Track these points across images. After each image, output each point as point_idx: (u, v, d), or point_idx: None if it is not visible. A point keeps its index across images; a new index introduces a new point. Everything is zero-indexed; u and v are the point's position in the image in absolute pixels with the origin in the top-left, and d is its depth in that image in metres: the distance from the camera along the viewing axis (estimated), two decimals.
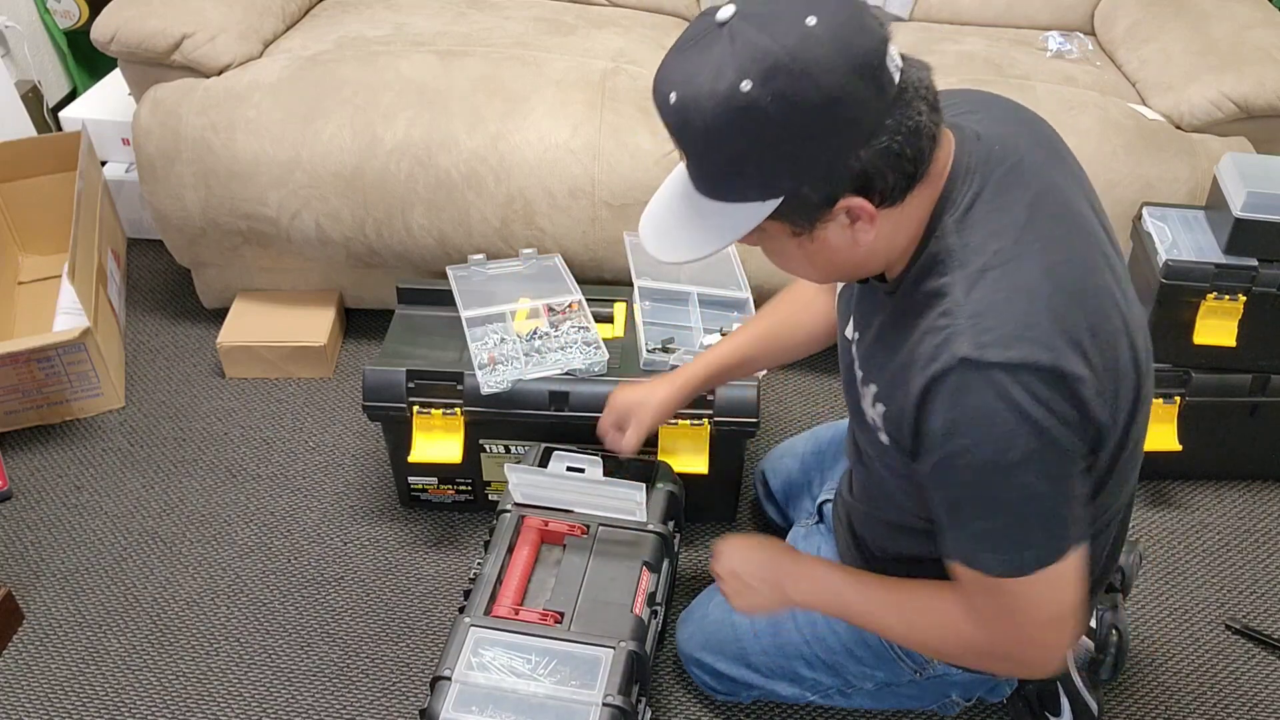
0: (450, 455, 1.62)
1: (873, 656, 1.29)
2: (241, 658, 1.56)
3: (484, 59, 1.98)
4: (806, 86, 0.79)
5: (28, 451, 1.90)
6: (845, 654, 1.30)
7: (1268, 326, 1.69)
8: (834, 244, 0.91)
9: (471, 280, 1.79)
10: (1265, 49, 1.98)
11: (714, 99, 0.80)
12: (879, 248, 0.93)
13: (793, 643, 1.34)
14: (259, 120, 1.89)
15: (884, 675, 1.31)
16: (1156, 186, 1.86)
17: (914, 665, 1.28)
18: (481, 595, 1.33)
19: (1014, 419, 0.86)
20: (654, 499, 1.48)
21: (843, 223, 0.89)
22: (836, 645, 1.30)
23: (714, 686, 1.46)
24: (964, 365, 0.86)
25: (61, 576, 1.67)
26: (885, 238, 0.92)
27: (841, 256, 0.93)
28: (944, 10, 2.38)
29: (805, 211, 0.87)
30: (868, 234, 0.89)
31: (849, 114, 0.81)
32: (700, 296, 1.77)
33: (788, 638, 1.34)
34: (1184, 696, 1.54)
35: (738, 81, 0.79)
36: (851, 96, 0.80)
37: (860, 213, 0.87)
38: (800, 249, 0.93)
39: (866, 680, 1.33)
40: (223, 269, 2.11)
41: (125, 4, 1.95)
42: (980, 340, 0.86)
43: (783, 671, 1.36)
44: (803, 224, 0.89)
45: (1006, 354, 0.85)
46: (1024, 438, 0.87)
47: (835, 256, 0.93)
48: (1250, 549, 1.77)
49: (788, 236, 0.91)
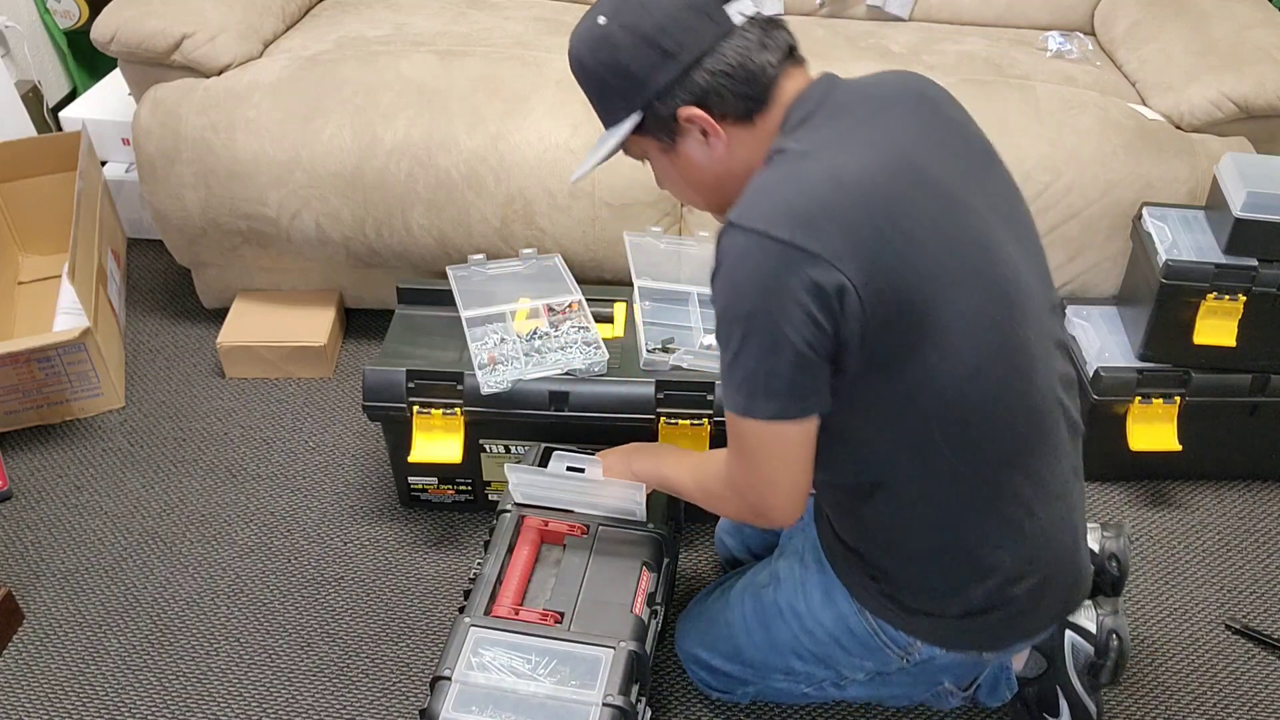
0: (450, 455, 1.62)
1: (859, 645, 1.29)
2: (241, 658, 1.56)
3: (484, 59, 1.98)
4: (644, 16, 1.03)
5: (28, 451, 1.91)
6: (833, 644, 1.31)
7: (1268, 326, 1.69)
8: (696, 159, 1.10)
9: (471, 280, 1.79)
10: (1265, 49, 1.98)
11: (582, 37, 1.09)
12: (736, 167, 1.09)
13: (783, 636, 1.34)
14: (259, 120, 1.89)
15: (873, 664, 1.31)
16: (1156, 186, 1.86)
17: (899, 651, 1.27)
18: (481, 595, 1.33)
19: (746, 277, 0.99)
20: (654, 499, 1.47)
21: (697, 138, 1.08)
22: (824, 636, 1.31)
23: (711, 684, 1.46)
24: (727, 227, 1.02)
25: (61, 576, 1.67)
26: (741, 159, 1.08)
27: (705, 172, 1.11)
28: (944, 10, 2.38)
29: (662, 124, 1.08)
30: (719, 146, 1.08)
31: (683, 39, 1.03)
32: (700, 296, 1.77)
33: (778, 632, 1.35)
34: (1184, 696, 1.54)
35: (596, 18, 1.07)
36: (682, 25, 1.03)
37: (703, 123, 1.06)
38: (673, 166, 1.13)
39: (857, 670, 1.33)
40: (223, 269, 2.11)
41: (125, 4, 1.96)
42: (742, 207, 1.01)
43: (776, 665, 1.37)
44: (665, 138, 1.09)
45: (754, 222, 0.99)
46: (750, 298, 0.99)
47: (701, 172, 1.11)
48: (1250, 549, 1.77)
49: (660, 153, 1.12)
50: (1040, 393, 1.12)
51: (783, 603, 1.35)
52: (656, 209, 1.89)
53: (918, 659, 1.28)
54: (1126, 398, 1.75)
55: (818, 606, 1.31)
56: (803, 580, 1.34)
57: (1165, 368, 1.75)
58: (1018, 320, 1.08)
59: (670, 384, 1.59)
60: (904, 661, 1.29)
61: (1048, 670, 1.40)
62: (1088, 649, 1.37)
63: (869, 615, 1.26)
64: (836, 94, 1.07)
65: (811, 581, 1.33)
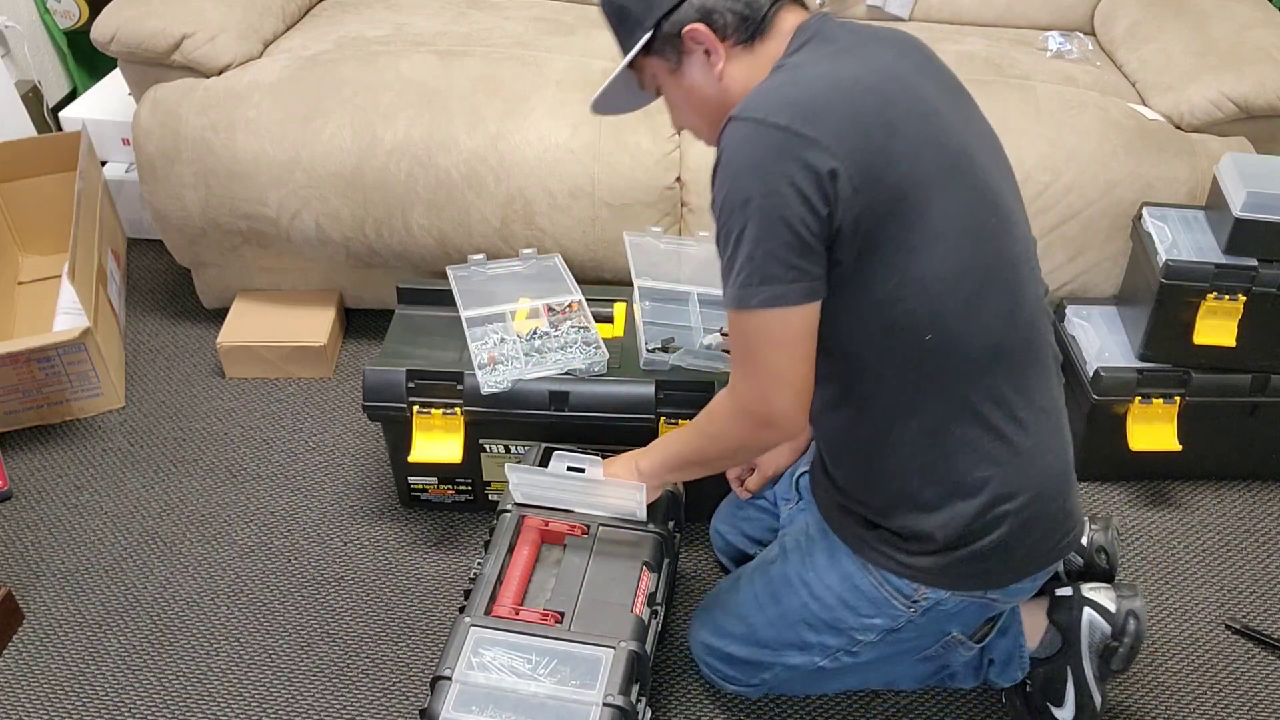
0: (450, 455, 1.62)
1: (866, 602, 1.30)
2: (241, 658, 1.56)
3: (484, 59, 1.98)
4: None
5: (28, 451, 1.91)
6: (841, 606, 1.32)
7: (1268, 326, 1.69)
8: (698, 80, 1.18)
9: (471, 280, 1.79)
10: (1265, 49, 1.98)
11: None
12: (734, 89, 1.15)
13: (793, 605, 1.36)
14: (259, 120, 1.89)
15: (881, 620, 1.31)
16: (1156, 186, 1.86)
17: (905, 600, 1.28)
18: (481, 595, 1.33)
19: (744, 163, 1.06)
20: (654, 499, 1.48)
21: (700, 58, 1.16)
22: (832, 599, 1.32)
23: (727, 674, 1.46)
24: (728, 122, 1.08)
25: (61, 576, 1.67)
26: (740, 81, 1.15)
27: (708, 93, 1.18)
28: (944, 10, 2.38)
29: (670, 43, 1.16)
30: (718, 64, 1.15)
31: None
32: (700, 296, 1.77)
33: (788, 602, 1.36)
34: (1184, 696, 1.54)
35: None
36: None
37: (707, 40, 1.14)
38: (679, 88, 1.20)
39: (868, 631, 1.33)
40: (223, 269, 2.11)
41: (125, 4, 1.96)
42: (742, 104, 1.08)
43: (789, 640, 1.37)
44: (672, 57, 1.17)
45: (755, 112, 1.06)
46: (747, 184, 1.05)
47: (703, 93, 1.18)
48: (1250, 549, 1.77)
49: (669, 75, 1.20)
50: (1028, 309, 1.18)
51: (790, 573, 1.37)
52: (656, 209, 1.89)
53: (924, 606, 1.27)
54: (1126, 398, 1.75)
55: (823, 569, 1.33)
56: (808, 550, 1.37)
57: (1165, 368, 1.75)
58: (1003, 235, 1.16)
59: (670, 384, 1.60)
60: (911, 611, 1.29)
61: (1061, 649, 1.40)
62: (1105, 628, 1.38)
63: (872, 568, 1.28)
64: (832, 25, 1.16)
65: (816, 548, 1.36)
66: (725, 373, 1.62)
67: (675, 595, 1.66)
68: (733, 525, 1.63)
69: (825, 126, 1.04)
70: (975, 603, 1.29)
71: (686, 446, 1.32)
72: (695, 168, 1.87)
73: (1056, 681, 1.41)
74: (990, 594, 1.28)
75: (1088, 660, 1.39)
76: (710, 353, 1.64)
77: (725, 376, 1.60)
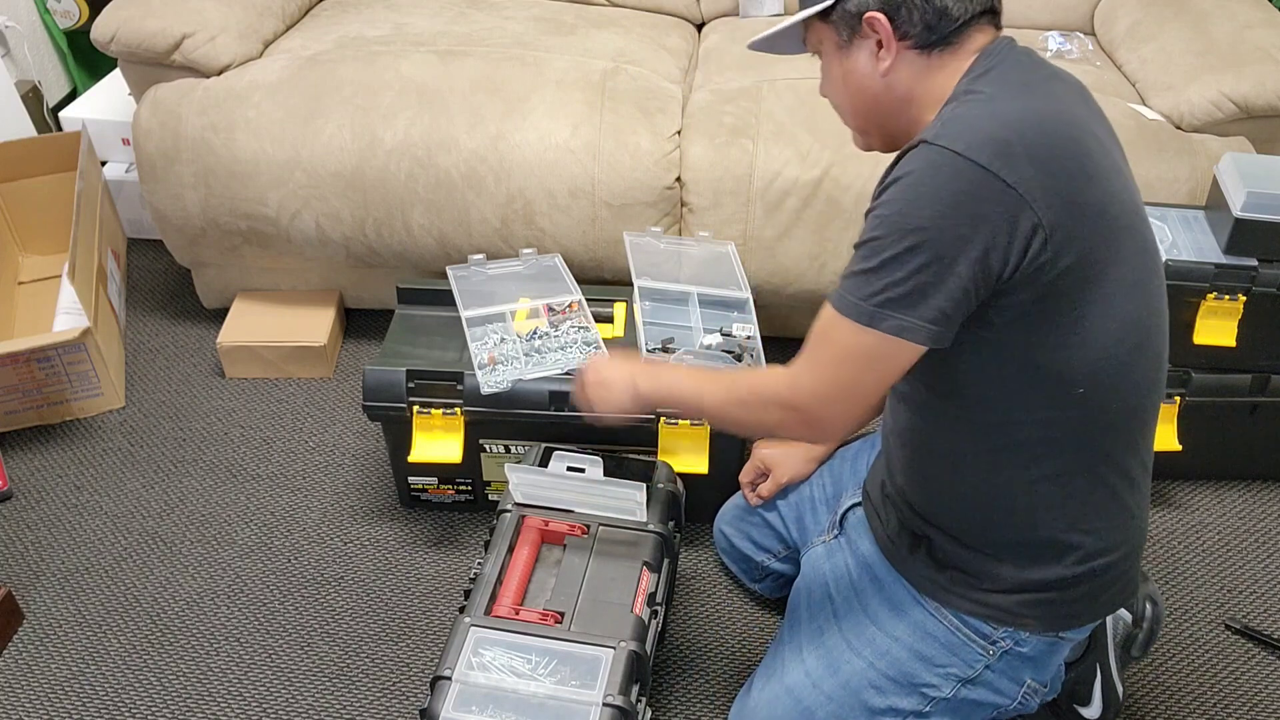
0: (450, 455, 1.62)
1: (940, 648, 1.24)
2: (241, 658, 1.56)
3: (484, 59, 1.98)
4: None
5: (28, 451, 1.91)
6: (912, 658, 1.25)
7: (1268, 326, 1.69)
8: (861, 66, 1.11)
9: (471, 280, 1.79)
10: (1265, 49, 1.98)
11: None
12: (896, 89, 1.10)
13: (855, 671, 1.27)
14: (259, 120, 1.89)
15: (957, 668, 1.24)
16: (1156, 186, 1.86)
17: (982, 642, 1.22)
18: (481, 595, 1.33)
19: (935, 190, 0.98)
20: (654, 499, 1.48)
21: (870, 48, 1.10)
22: (901, 653, 1.25)
23: None
24: (920, 145, 1.01)
25: (61, 576, 1.67)
26: (903, 83, 1.10)
27: (867, 82, 1.12)
28: None
29: (847, 20, 1.10)
30: (886, 61, 1.09)
31: None
32: (700, 296, 1.77)
33: (849, 669, 1.28)
34: (1184, 696, 1.54)
35: None
36: None
37: (883, 32, 1.07)
38: (840, 66, 1.14)
39: (943, 684, 1.25)
40: (223, 269, 2.11)
41: (125, 4, 1.96)
42: (937, 130, 1.01)
43: (854, 712, 1.27)
44: (844, 33, 1.11)
45: (952, 142, 0.99)
46: (934, 212, 0.98)
47: (862, 81, 1.12)
48: (1250, 549, 1.77)
49: (834, 49, 1.14)
50: (1160, 366, 1.15)
51: (849, 636, 1.29)
52: (656, 209, 1.89)
53: (1002, 649, 1.23)
54: None
55: (888, 622, 1.26)
56: (863, 606, 1.29)
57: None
58: (1158, 289, 1.12)
59: None
60: (988, 655, 1.23)
61: (1089, 648, 1.39)
62: (1126, 617, 1.38)
63: (946, 612, 1.23)
64: (1018, 52, 1.11)
65: (871, 600, 1.29)
66: None
67: (675, 595, 1.66)
68: (738, 529, 1.61)
69: (1027, 173, 0.98)
70: (1050, 642, 1.24)
71: (705, 395, 1.20)
72: (695, 168, 1.87)
73: (1085, 682, 1.40)
74: (1066, 634, 1.24)
75: (1112, 654, 1.39)
76: (710, 353, 1.64)
77: None
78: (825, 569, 1.38)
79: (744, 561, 1.63)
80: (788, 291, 1.94)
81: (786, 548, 1.55)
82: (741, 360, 1.64)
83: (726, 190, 1.87)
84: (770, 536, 1.57)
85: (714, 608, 1.65)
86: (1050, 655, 1.27)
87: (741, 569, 1.66)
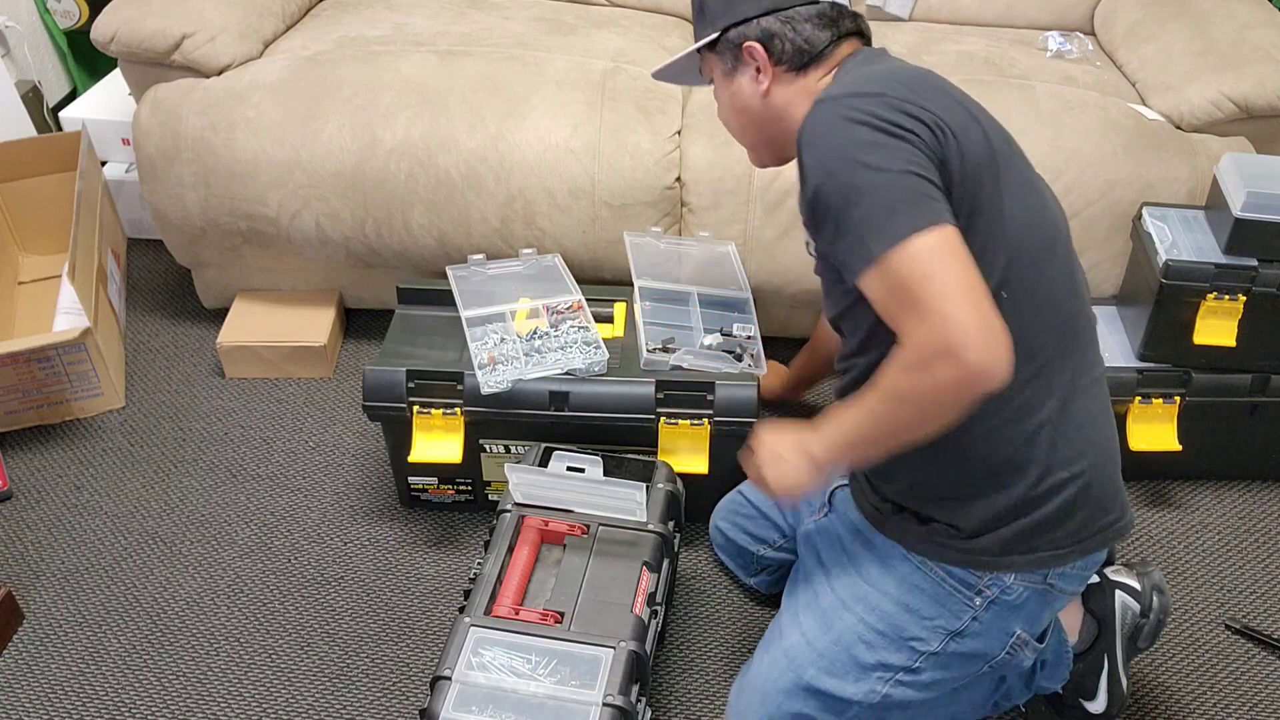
0: (450, 455, 1.62)
1: (928, 600, 1.26)
2: (241, 658, 1.56)
3: (484, 59, 1.98)
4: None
5: (28, 451, 1.91)
6: (900, 610, 1.28)
7: (1268, 326, 1.69)
8: (744, 90, 1.27)
9: (471, 280, 1.79)
10: (1265, 49, 1.98)
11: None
12: (775, 107, 1.26)
13: (847, 626, 1.30)
14: (259, 120, 1.89)
15: (944, 620, 1.26)
16: (1156, 186, 1.86)
17: (968, 591, 1.24)
18: (481, 595, 1.33)
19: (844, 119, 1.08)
20: (654, 499, 1.48)
21: (751, 73, 1.26)
22: (889, 606, 1.28)
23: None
24: (811, 108, 1.12)
25: (61, 576, 1.67)
26: (780, 102, 1.25)
27: (750, 103, 1.28)
28: (944, 10, 2.38)
29: (730, 50, 1.26)
30: (764, 83, 1.25)
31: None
32: (700, 296, 1.77)
33: (840, 625, 1.30)
34: (1184, 696, 1.54)
35: None
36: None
37: (759, 58, 1.24)
38: (727, 90, 1.30)
39: (930, 636, 1.27)
40: (223, 269, 2.11)
41: (125, 4, 1.96)
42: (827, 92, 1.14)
43: (845, 666, 1.30)
44: (729, 61, 1.28)
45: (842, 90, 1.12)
46: (857, 128, 1.07)
47: (746, 102, 1.28)
48: (1250, 549, 1.77)
49: (722, 76, 1.30)
50: (1075, 272, 1.22)
51: (842, 594, 1.32)
52: (656, 209, 1.89)
53: (989, 598, 1.25)
54: (1126, 398, 1.75)
55: (878, 579, 1.30)
56: (855, 566, 1.33)
57: (1165, 368, 1.75)
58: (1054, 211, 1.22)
59: (670, 384, 1.59)
60: (975, 605, 1.25)
61: (1098, 638, 1.41)
62: (1134, 607, 1.40)
63: (931, 564, 1.26)
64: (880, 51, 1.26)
65: (864, 561, 1.33)
66: (726, 373, 1.62)
67: (675, 595, 1.66)
68: (734, 524, 1.62)
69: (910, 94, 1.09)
70: (1037, 590, 1.25)
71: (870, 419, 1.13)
72: (695, 168, 1.87)
73: (1091, 674, 1.41)
74: (1051, 578, 1.25)
75: (1120, 645, 1.40)
76: (710, 353, 1.64)
77: (726, 376, 1.61)
78: (818, 542, 1.41)
79: (740, 555, 1.64)
80: (788, 291, 1.94)
81: (783, 536, 1.55)
82: (741, 360, 1.64)
83: (726, 190, 1.87)
84: (766, 527, 1.57)
85: (714, 607, 1.65)
86: (1041, 605, 1.30)
87: (738, 563, 1.66)
